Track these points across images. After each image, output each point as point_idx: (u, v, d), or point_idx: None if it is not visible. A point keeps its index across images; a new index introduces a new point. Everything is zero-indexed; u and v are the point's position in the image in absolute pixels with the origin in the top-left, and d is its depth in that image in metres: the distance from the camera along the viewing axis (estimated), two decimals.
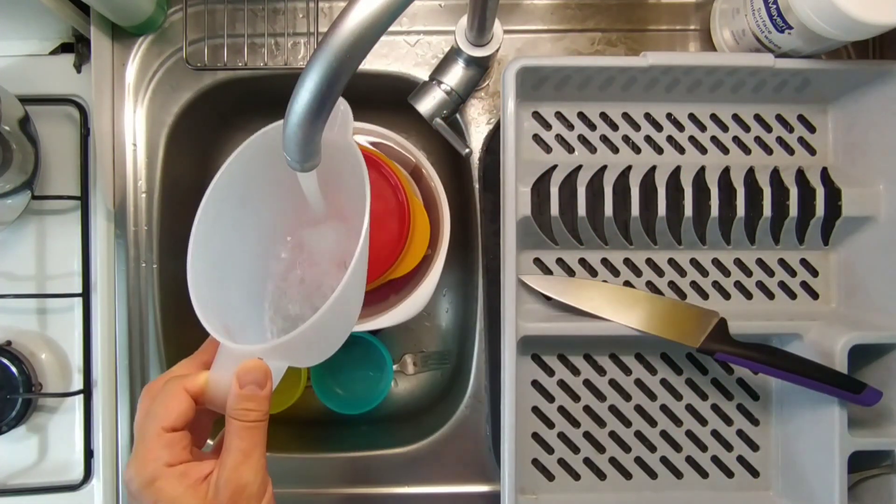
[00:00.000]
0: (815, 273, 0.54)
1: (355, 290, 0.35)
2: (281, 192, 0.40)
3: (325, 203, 0.39)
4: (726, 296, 0.54)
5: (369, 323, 0.52)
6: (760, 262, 0.54)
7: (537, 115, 0.54)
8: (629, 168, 0.52)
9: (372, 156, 0.50)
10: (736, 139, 0.54)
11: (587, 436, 0.53)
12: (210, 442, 0.42)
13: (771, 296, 0.54)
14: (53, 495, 0.56)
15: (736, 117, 0.54)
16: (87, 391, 0.56)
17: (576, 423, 0.53)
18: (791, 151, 0.54)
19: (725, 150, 0.54)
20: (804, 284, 0.54)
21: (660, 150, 0.54)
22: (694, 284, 0.54)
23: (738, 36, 0.53)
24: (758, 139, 0.54)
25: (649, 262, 0.54)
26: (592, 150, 0.54)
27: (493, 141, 0.57)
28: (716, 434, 0.53)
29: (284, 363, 0.34)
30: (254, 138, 0.37)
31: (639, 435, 0.53)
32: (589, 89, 0.52)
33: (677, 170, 0.52)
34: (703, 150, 0.54)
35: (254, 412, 0.32)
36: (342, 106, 0.35)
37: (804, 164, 0.53)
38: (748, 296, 0.54)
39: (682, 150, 0.54)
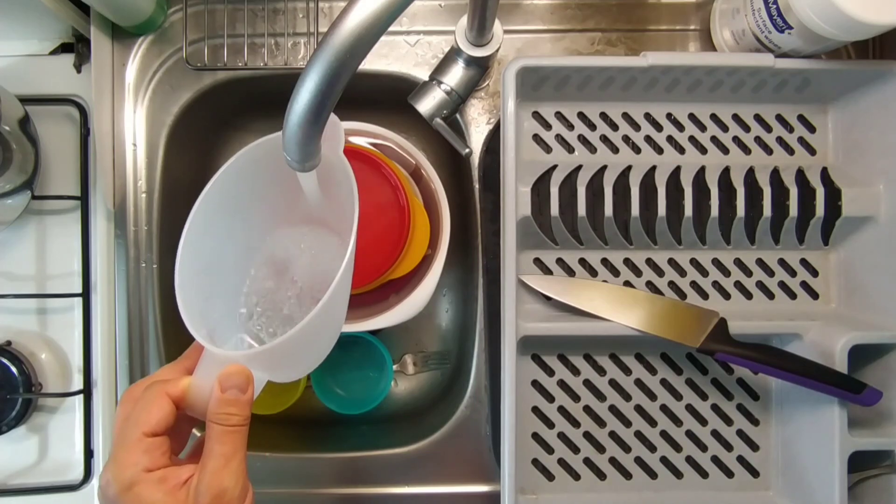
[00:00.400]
0: (815, 273, 0.54)
1: (338, 304, 0.35)
2: (272, 204, 0.40)
3: (325, 203, 0.39)
4: (726, 296, 0.54)
5: (369, 323, 0.52)
6: (760, 262, 0.54)
7: (537, 115, 0.54)
8: (629, 168, 0.52)
9: (372, 156, 0.50)
10: (736, 139, 0.54)
11: (587, 436, 0.53)
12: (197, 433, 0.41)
13: (771, 296, 0.54)
14: (53, 495, 0.56)
15: (736, 117, 0.54)
16: (87, 391, 0.56)
17: (576, 423, 0.53)
18: (791, 151, 0.54)
19: (725, 150, 0.54)
20: (804, 284, 0.54)
21: (660, 150, 0.54)
22: (694, 284, 0.54)
23: (738, 36, 0.53)
24: (758, 139, 0.54)
25: (649, 262, 0.54)
26: (592, 150, 0.54)
27: (493, 141, 0.57)
28: (716, 434, 0.53)
29: (266, 375, 0.34)
30: (246, 150, 0.37)
31: (639, 435, 0.53)
32: (589, 89, 0.52)
33: (677, 170, 0.52)
34: (703, 150, 0.54)
35: (235, 416, 0.32)
36: (332, 120, 0.35)
37: (804, 164, 0.53)
38: (748, 296, 0.54)
39: (682, 150, 0.54)
